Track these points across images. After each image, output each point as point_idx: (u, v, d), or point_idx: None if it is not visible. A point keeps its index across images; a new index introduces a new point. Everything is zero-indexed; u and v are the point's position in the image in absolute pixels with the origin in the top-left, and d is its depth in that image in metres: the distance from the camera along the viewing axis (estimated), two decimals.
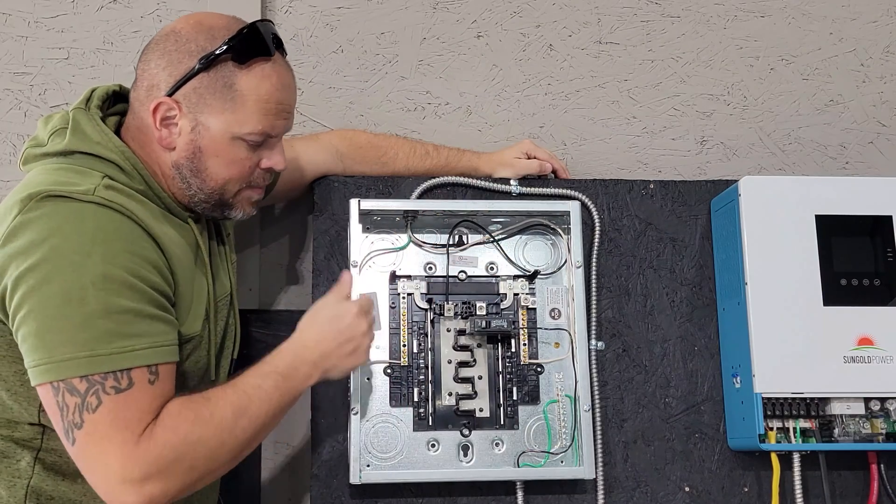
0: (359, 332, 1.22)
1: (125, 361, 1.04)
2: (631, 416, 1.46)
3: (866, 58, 1.74)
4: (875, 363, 1.36)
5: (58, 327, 1.03)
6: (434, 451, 1.38)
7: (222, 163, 1.19)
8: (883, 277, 1.39)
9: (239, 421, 1.10)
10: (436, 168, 1.52)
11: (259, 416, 1.12)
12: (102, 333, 1.03)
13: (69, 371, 1.02)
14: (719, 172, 1.70)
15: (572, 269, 1.44)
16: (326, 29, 1.65)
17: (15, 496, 1.14)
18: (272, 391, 1.14)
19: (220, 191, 1.21)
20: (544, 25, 1.70)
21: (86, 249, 1.05)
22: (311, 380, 1.19)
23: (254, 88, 1.18)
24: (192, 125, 1.17)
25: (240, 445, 1.11)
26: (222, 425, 1.08)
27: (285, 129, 1.24)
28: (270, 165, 1.24)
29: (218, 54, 1.16)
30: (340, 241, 1.47)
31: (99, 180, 1.11)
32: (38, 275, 1.04)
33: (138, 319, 1.06)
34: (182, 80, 1.16)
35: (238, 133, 1.18)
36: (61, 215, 1.06)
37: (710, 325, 1.49)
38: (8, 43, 1.58)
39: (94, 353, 1.03)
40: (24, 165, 1.20)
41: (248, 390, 1.12)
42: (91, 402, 1.02)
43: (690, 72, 1.72)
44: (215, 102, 1.17)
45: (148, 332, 1.07)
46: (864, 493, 1.42)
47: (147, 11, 1.60)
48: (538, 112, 1.69)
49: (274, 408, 1.14)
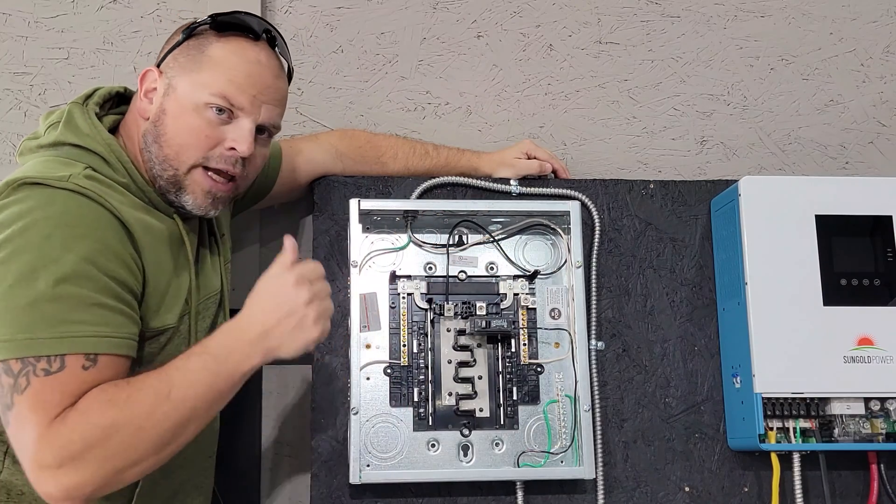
0: (299, 304, 1.09)
1: (62, 347, 1.01)
2: (631, 416, 1.46)
3: (866, 58, 1.74)
4: (875, 363, 1.36)
5: (2, 308, 1.02)
6: (434, 451, 1.38)
7: (180, 127, 1.16)
8: (883, 277, 1.39)
9: (160, 406, 1.01)
10: (436, 168, 1.53)
11: (185, 400, 1.02)
12: (44, 317, 1.01)
13: (7, 352, 1.00)
14: (719, 172, 1.70)
15: (572, 269, 1.44)
16: (326, 29, 1.65)
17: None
18: (200, 373, 1.04)
19: (175, 161, 1.17)
20: (544, 25, 1.70)
21: (46, 233, 1.04)
22: (250, 360, 1.07)
23: (224, 56, 1.18)
24: (165, 88, 1.19)
25: (164, 433, 1.02)
26: (139, 409, 1.00)
27: (255, 112, 1.18)
28: (233, 145, 1.17)
29: (200, 22, 1.19)
30: (340, 241, 1.47)
31: (81, 170, 1.11)
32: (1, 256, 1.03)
33: (85, 306, 1.03)
34: (168, 50, 1.20)
35: (200, 96, 1.16)
36: (33, 199, 1.06)
37: (710, 325, 1.49)
38: (8, 43, 1.58)
39: (33, 336, 1.00)
40: (20, 157, 1.20)
41: (171, 373, 1.04)
42: (21, 384, 1.00)
43: (690, 72, 1.72)
44: (186, 64, 1.18)
45: (94, 321, 1.03)
46: (864, 493, 1.42)
47: (147, 11, 1.60)
48: (538, 112, 1.69)
49: (203, 392, 1.04)
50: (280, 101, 1.23)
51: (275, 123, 1.24)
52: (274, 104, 1.21)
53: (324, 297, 1.12)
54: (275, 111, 1.22)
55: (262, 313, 1.09)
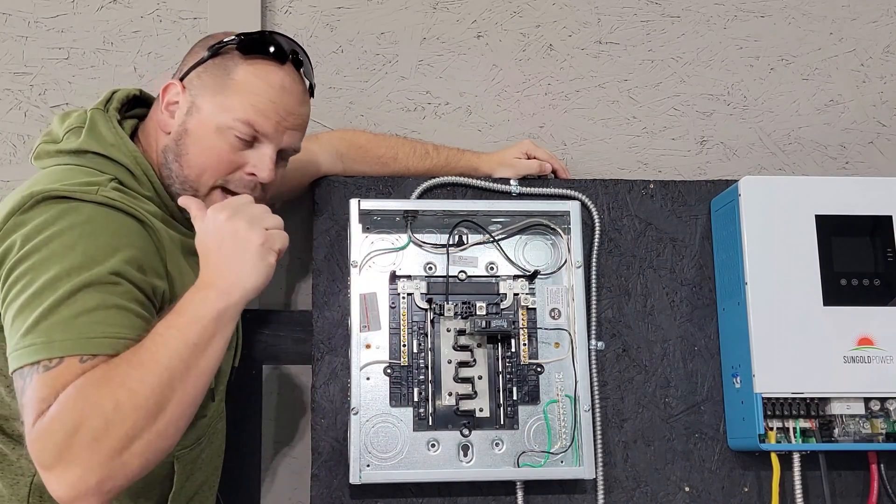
0: (240, 228, 1.09)
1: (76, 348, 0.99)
2: (631, 416, 1.46)
3: (866, 58, 1.74)
4: (875, 363, 1.36)
5: (27, 316, 1.02)
6: (434, 451, 1.38)
7: (202, 149, 1.17)
8: (883, 277, 1.39)
9: (132, 373, 0.97)
10: (436, 168, 1.53)
11: (158, 361, 0.99)
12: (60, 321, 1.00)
13: (27, 357, 1.00)
14: (719, 172, 1.70)
15: (572, 269, 1.44)
16: (326, 29, 1.65)
17: (17, 494, 1.14)
18: (165, 330, 1.02)
19: (195, 182, 1.18)
20: (544, 25, 1.70)
21: (71, 242, 1.04)
22: (211, 299, 1.05)
23: (249, 80, 1.18)
24: (188, 107, 1.18)
25: (145, 401, 0.97)
26: (112, 383, 0.96)
27: (278, 138, 1.19)
28: (253, 171, 1.18)
29: (226, 42, 1.18)
30: (340, 241, 1.47)
31: (107, 182, 1.11)
32: (24, 265, 1.03)
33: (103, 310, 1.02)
34: (192, 66, 1.19)
35: (223, 119, 1.16)
36: (58, 212, 1.06)
37: (710, 325, 1.49)
38: (8, 43, 1.58)
39: (51, 340, 0.99)
40: (37, 161, 1.20)
41: (143, 341, 1.01)
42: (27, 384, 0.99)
43: (690, 72, 1.72)
44: (211, 84, 1.18)
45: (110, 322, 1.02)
46: (864, 493, 1.42)
47: (147, 11, 1.60)
48: (538, 112, 1.69)
49: (176, 348, 1.00)
50: (302, 125, 1.24)
51: (295, 147, 1.24)
52: (296, 129, 1.22)
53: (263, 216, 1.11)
54: (296, 135, 1.23)
55: (207, 248, 1.09)
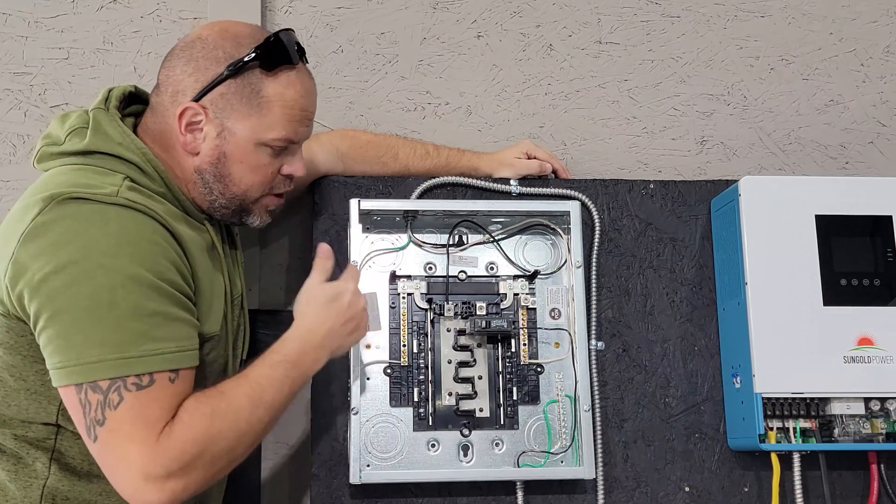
0: (359, 309, 1.25)
1: (153, 364, 1.05)
2: (631, 416, 1.46)
3: (866, 58, 1.74)
4: (875, 363, 1.36)
5: (87, 329, 1.03)
6: (434, 451, 1.38)
7: (246, 168, 1.21)
8: (883, 277, 1.39)
9: (255, 411, 1.10)
10: (436, 168, 1.52)
11: (273, 404, 1.13)
12: (132, 336, 1.04)
13: (99, 373, 1.02)
14: (719, 172, 1.70)
15: (572, 269, 1.44)
16: (326, 29, 1.65)
17: (30, 497, 1.14)
18: (283, 379, 1.15)
19: (242, 197, 1.23)
20: (544, 25, 1.70)
21: (113, 251, 1.05)
22: (319, 363, 1.21)
23: (280, 95, 1.20)
24: (218, 130, 1.19)
25: (256, 434, 1.12)
26: (239, 417, 1.09)
27: (307, 135, 1.26)
28: (291, 172, 1.25)
29: (246, 61, 1.18)
30: (340, 241, 1.47)
31: (121, 182, 1.12)
32: (64, 277, 1.04)
33: (166, 322, 1.07)
34: (209, 86, 1.18)
35: (263, 139, 1.20)
36: (85, 217, 1.06)
37: (710, 325, 1.49)
38: (8, 43, 1.58)
39: (124, 355, 1.03)
40: (39, 163, 1.19)
41: (261, 381, 1.13)
42: (113, 399, 1.02)
43: (690, 72, 1.72)
44: (242, 108, 1.18)
45: (174, 336, 1.08)
46: (864, 493, 1.42)
47: (147, 11, 1.60)
48: (538, 112, 1.69)
49: (286, 395, 1.15)
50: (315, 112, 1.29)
51: (309, 135, 1.29)
52: (313, 119, 1.28)
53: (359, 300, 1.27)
54: (312, 125, 1.28)
55: (327, 319, 1.22)
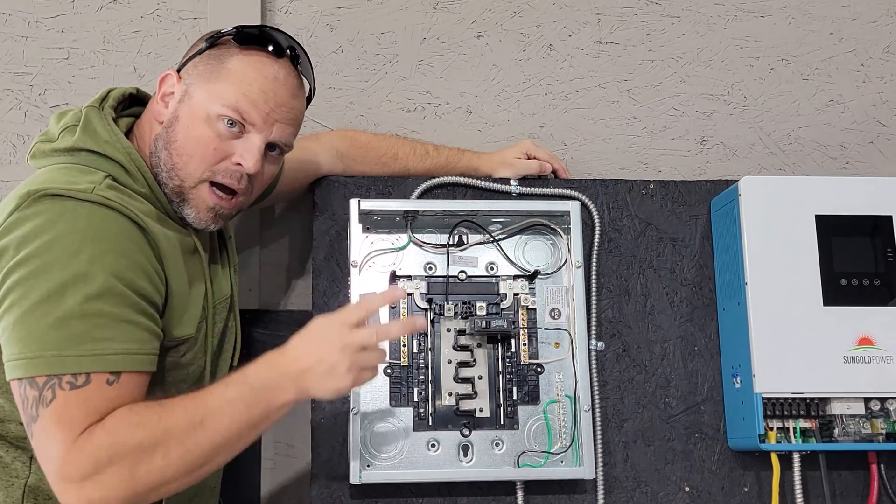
0: (334, 350, 1.07)
1: (90, 365, 1.02)
2: (631, 416, 1.46)
3: (866, 58, 1.74)
4: (875, 363, 1.36)
5: (31, 324, 1.02)
6: (434, 451, 1.38)
7: (191, 136, 1.16)
8: (883, 277, 1.39)
9: (191, 432, 1.01)
10: (436, 168, 1.52)
11: (218, 428, 1.03)
12: (72, 334, 1.02)
13: (36, 369, 1.01)
14: (719, 172, 1.70)
15: (572, 269, 1.44)
16: (326, 29, 1.65)
17: (12, 496, 1.14)
18: (236, 403, 1.04)
19: (182, 172, 1.16)
20: (544, 25, 1.70)
21: (74, 248, 1.04)
22: (285, 395, 1.07)
23: (242, 71, 1.17)
24: (181, 95, 1.18)
25: (193, 460, 1.02)
26: (170, 434, 1.01)
27: (267, 129, 1.18)
28: (239, 161, 1.16)
29: (224, 33, 1.19)
30: (340, 241, 1.47)
31: (101, 179, 1.11)
32: (23, 270, 1.03)
33: (113, 324, 1.04)
34: (190, 56, 1.20)
35: (213, 108, 1.15)
36: (55, 212, 1.06)
37: (710, 325, 1.49)
38: (8, 43, 1.58)
39: (62, 353, 1.01)
40: (33, 160, 1.19)
41: (208, 400, 1.04)
42: (46, 396, 1.01)
43: (690, 72, 1.72)
44: (205, 73, 1.18)
45: (120, 338, 1.04)
46: (864, 493, 1.42)
47: (147, 11, 1.60)
48: (538, 112, 1.69)
49: (237, 421, 1.04)
50: (294, 120, 1.22)
51: (287, 142, 1.22)
52: (287, 123, 1.20)
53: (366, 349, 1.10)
54: (287, 130, 1.21)
55: (305, 353, 1.08)
